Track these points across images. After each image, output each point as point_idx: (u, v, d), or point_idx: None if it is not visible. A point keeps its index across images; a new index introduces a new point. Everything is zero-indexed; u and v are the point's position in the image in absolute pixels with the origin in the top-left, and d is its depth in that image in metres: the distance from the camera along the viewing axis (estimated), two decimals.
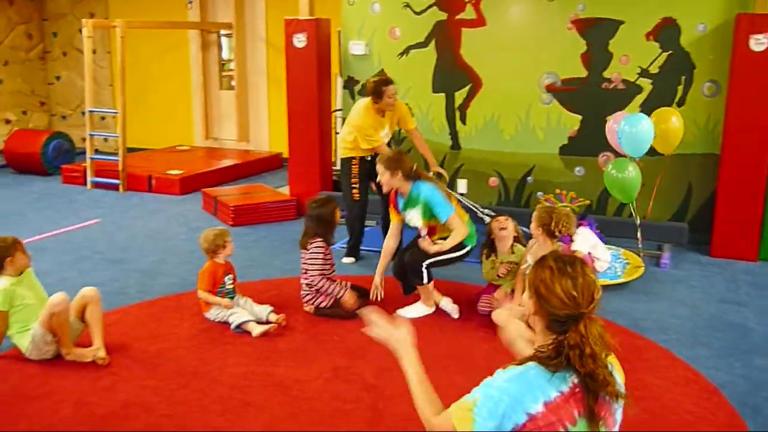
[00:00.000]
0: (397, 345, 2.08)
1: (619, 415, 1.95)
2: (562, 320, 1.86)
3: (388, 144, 5.92)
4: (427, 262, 4.67)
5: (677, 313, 4.92)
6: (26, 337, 4.00)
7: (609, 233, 6.28)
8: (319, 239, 4.79)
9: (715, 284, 5.53)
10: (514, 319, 4.07)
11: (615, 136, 5.73)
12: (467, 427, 1.85)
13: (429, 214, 4.69)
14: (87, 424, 3.40)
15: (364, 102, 5.74)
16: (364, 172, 5.81)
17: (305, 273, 4.80)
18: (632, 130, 5.50)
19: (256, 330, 4.40)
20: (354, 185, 5.79)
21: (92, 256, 6.12)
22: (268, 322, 4.53)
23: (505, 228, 4.80)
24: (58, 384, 3.78)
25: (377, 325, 2.12)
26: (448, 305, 4.81)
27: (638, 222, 5.90)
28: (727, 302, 5.14)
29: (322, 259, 4.76)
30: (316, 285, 4.73)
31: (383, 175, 4.75)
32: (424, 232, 4.76)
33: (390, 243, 5.01)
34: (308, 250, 4.78)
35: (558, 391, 1.83)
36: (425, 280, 4.70)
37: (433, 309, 4.80)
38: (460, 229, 4.66)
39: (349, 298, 4.75)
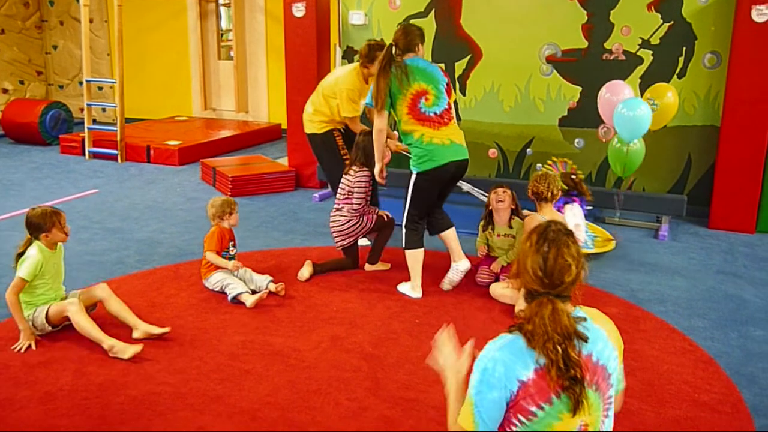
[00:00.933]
0: (450, 371, 2.06)
1: (614, 380, 1.95)
2: (533, 293, 1.92)
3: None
4: (404, 219, 4.56)
5: (675, 285, 4.93)
6: (25, 312, 3.92)
7: (609, 205, 6.31)
8: (366, 169, 4.93)
9: (712, 256, 5.55)
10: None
11: (607, 105, 5.65)
12: (468, 417, 1.88)
13: None
14: (86, 391, 3.42)
15: (352, 66, 5.53)
16: (348, 142, 5.59)
17: (345, 199, 4.97)
18: (630, 114, 5.41)
19: (250, 300, 4.41)
20: (345, 156, 5.58)
21: (91, 226, 6.12)
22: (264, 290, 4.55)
23: (503, 201, 4.79)
24: (58, 353, 3.80)
25: (440, 351, 2.12)
26: (457, 269, 4.68)
27: (621, 193, 5.91)
28: (725, 274, 5.16)
29: (366, 187, 4.93)
30: (357, 210, 4.92)
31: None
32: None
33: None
34: (352, 175, 4.96)
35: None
36: (403, 243, 4.61)
37: (418, 295, 4.60)
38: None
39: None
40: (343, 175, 5.04)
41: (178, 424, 3.17)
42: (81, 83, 9.78)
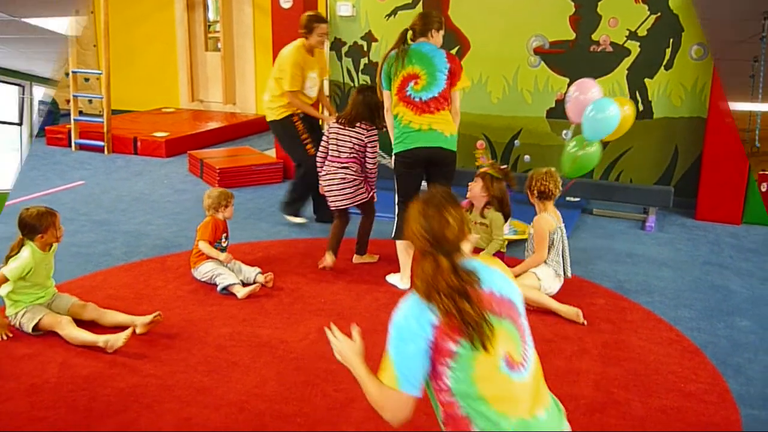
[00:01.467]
0: (350, 356, 2.20)
1: (522, 310, 2.04)
2: (424, 253, 2.04)
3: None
4: (397, 208, 4.57)
5: (661, 276, 4.96)
6: (13, 309, 3.90)
7: (595, 197, 6.34)
8: (375, 128, 4.83)
9: (699, 247, 5.57)
10: (527, 274, 4.40)
11: (577, 106, 5.37)
12: (390, 375, 1.99)
13: None
14: (73, 383, 3.40)
15: (296, 42, 5.71)
16: (308, 126, 5.72)
17: (351, 158, 4.81)
18: (599, 115, 5.02)
19: (242, 292, 4.41)
20: (306, 140, 5.67)
21: (77, 218, 6.08)
22: (255, 283, 4.53)
23: (469, 190, 4.72)
24: (44, 345, 3.78)
25: (336, 338, 2.25)
26: None
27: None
28: (711, 265, 5.19)
29: (377, 147, 4.86)
30: (370, 170, 4.86)
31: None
32: None
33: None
34: (358, 132, 4.81)
35: None
36: (392, 233, 4.62)
37: (407, 286, 4.55)
38: None
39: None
40: (342, 128, 4.83)
41: (164, 416, 3.16)
42: (67, 74, 9.70)
